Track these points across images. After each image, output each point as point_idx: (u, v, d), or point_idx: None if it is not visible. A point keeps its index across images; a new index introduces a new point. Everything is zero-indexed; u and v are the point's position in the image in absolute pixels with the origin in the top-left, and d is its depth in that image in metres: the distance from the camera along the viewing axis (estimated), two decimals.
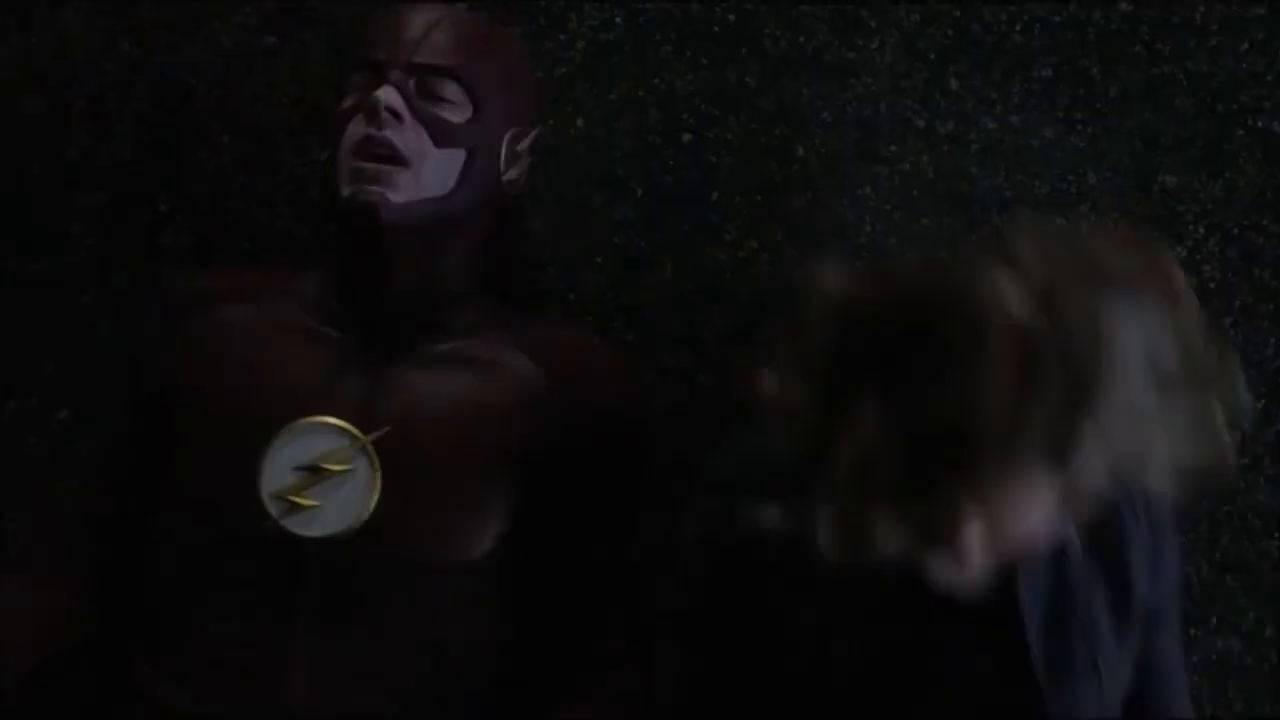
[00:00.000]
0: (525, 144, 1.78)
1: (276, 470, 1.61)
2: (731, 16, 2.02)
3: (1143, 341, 1.27)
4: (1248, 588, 2.01)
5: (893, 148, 2.02)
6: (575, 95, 2.01)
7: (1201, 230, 2.02)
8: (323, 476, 1.60)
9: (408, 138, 1.66)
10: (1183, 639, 1.70)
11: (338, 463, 1.61)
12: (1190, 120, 2.02)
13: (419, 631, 1.62)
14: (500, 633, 1.69)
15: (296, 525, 1.59)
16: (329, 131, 1.74)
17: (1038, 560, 1.48)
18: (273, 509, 1.60)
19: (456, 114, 1.70)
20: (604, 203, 2.02)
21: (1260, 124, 2.02)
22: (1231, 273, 2.02)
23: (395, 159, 1.65)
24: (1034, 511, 1.36)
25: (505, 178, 1.75)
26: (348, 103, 1.70)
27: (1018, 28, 2.02)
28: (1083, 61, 1.99)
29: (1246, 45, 2.02)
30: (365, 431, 1.62)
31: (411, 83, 1.68)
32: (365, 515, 1.60)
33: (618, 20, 2.03)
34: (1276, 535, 2.02)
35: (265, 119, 2.03)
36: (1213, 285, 2.02)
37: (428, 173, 1.67)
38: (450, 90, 1.69)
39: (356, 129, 1.67)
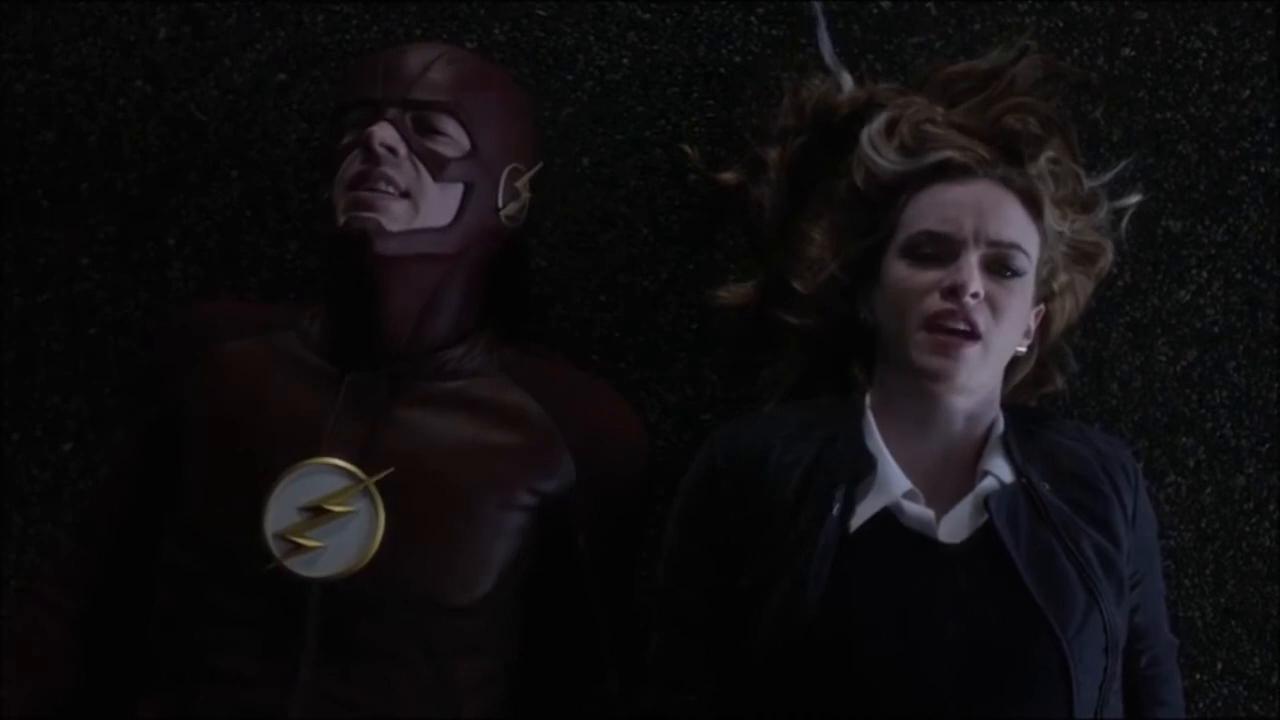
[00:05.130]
0: (524, 180, 1.79)
1: (281, 510, 1.61)
2: (738, 58, 2.04)
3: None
4: (1253, 633, 2.00)
5: None
6: (582, 135, 2.03)
7: (1205, 275, 2.03)
8: (326, 517, 1.60)
9: (405, 172, 1.67)
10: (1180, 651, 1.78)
11: (341, 504, 1.61)
12: (1193, 165, 2.03)
13: (423, 670, 1.62)
14: (506, 670, 1.69)
15: (300, 566, 1.59)
16: (325, 169, 1.75)
17: (1009, 498, 1.58)
18: (276, 549, 1.60)
19: (453, 149, 1.70)
20: (610, 241, 2.03)
21: (1263, 169, 2.03)
22: (1235, 317, 2.02)
23: (391, 191, 1.66)
24: (1019, 306, 1.62)
25: (503, 214, 1.76)
26: (346, 139, 1.71)
27: None
28: (1086, 106, 2.00)
29: (1248, 92, 2.03)
30: (369, 472, 1.62)
31: (408, 119, 1.69)
32: (368, 556, 1.60)
33: (625, 61, 2.05)
34: None
35: (274, 155, 2.04)
36: (1216, 329, 2.02)
37: (425, 205, 1.68)
38: (447, 126, 1.70)
39: (352, 165, 1.68)
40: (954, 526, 1.57)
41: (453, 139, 1.71)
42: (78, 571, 1.74)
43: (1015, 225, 1.63)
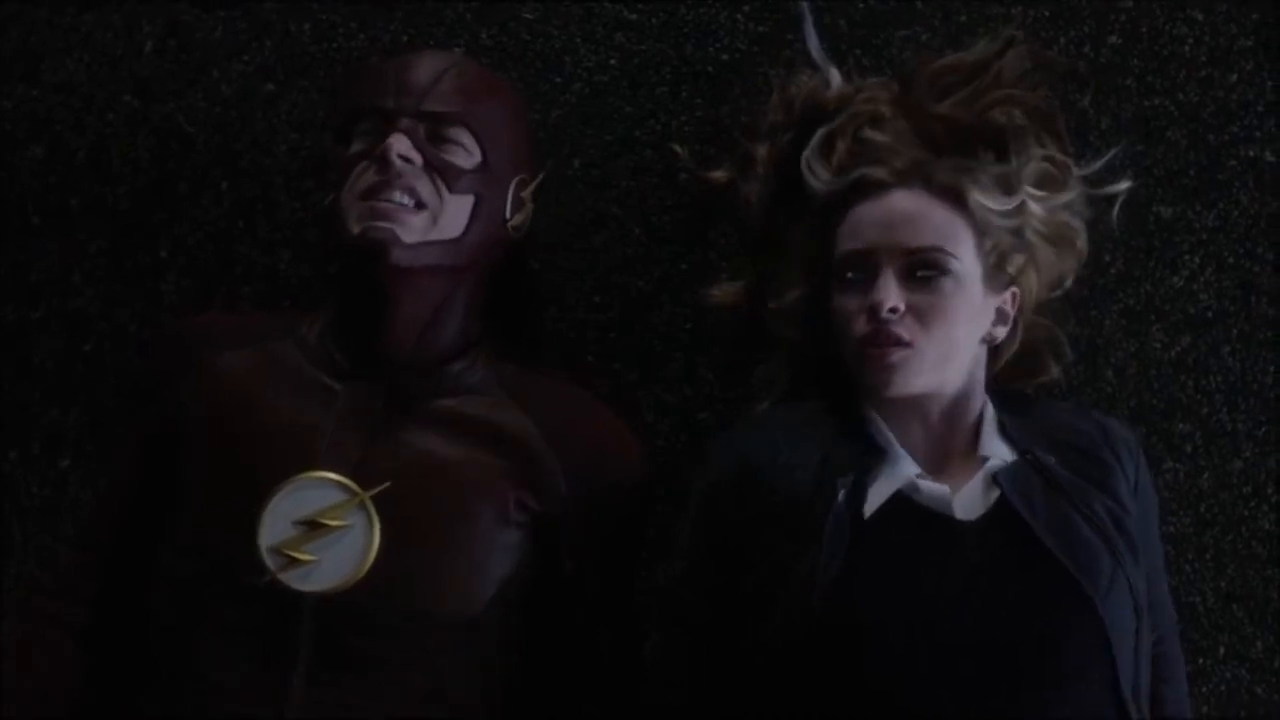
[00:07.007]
0: (529, 190, 1.80)
1: (276, 523, 1.61)
2: (725, 56, 2.04)
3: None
4: (1254, 616, 2.00)
5: None
6: (572, 137, 2.03)
7: (1197, 260, 2.03)
8: (321, 531, 1.60)
9: (421, 183, 1.68)
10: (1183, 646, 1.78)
11: (336, 518, 1.61)
12: (1183, 151, 2.03)
13: (418, 685, 1.61)
14: (503, 685, 1.68)
15: (294, 580, 1.59)
16: (330, 176, 1.75)
17: (1017, 472, 1.59)
18: (270, 562, 1.59)
19: (466, 160, 1.71)
20: (602, 243, 2.03)
21: (1252, 153, 2.03)
22: (1228, 301, 2.02)
23: (408, 203, 1.67)
24: (955, 305, 1.60)
25: (511, 224, 1.76)
26: (356, 148, 1.71)
27: None
28: (1074, 95, 2.01)
29: (1236, 76, 2.03)
30: (365, 487, 1.62)
31: (421, 130, 1.69)
32: (362, 571, 1.60)
33: (613, 62, 2.05)
34: None
35: (264, 164, 2.04)
36: (1210, 314, 2.02)
37: (440, 216, 1.69)
38: (460, 136, 1.71)
39: (366, 176, 1.68)
40: (967, 505, 1.57)
41: (465, 150, 1.71)
42: (77, 580, 1.74)
43: (931, 227, 1.62)
